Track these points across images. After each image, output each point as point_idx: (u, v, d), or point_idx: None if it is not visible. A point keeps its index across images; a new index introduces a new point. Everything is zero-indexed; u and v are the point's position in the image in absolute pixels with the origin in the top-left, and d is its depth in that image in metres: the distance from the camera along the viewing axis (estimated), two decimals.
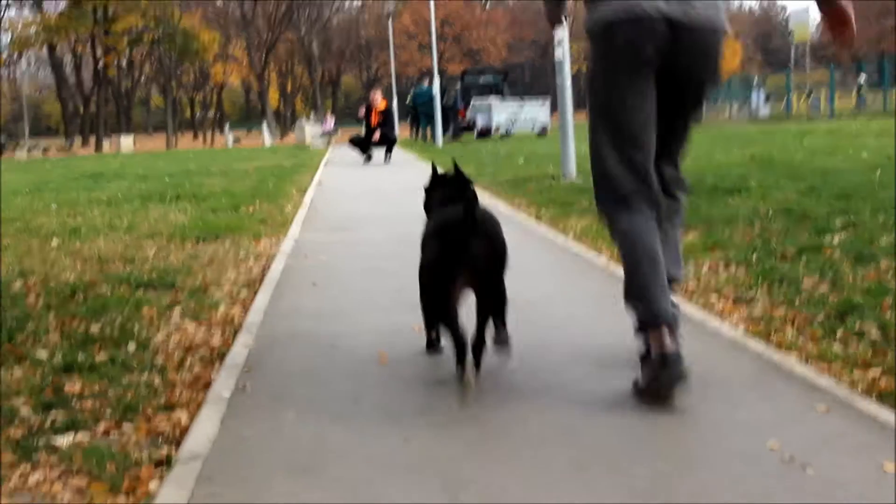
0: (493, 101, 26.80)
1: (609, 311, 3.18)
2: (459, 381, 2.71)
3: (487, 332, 2.78)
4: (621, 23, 2.61)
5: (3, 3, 48.51)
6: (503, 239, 2.80)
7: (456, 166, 3.18)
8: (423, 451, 2.23)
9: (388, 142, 16.63)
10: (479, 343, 2.76)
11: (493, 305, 2.78)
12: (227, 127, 45.66)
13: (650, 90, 2.67)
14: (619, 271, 2.83)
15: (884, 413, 2.37)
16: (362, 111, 17.07)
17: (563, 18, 3.05)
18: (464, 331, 2.68)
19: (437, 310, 2.83)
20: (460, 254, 2.68)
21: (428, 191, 3.21)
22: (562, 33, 9.59)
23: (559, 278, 4.58)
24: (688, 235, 5.44)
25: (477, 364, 2.77)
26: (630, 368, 2.70)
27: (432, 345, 3.14)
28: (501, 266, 2.78)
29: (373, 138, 16.59)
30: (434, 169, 3.28)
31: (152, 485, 2.11)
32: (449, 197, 2.99)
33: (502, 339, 2.89)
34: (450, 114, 27.40)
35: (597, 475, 2.05)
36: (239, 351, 3.26)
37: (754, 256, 4.58)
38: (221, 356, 3.25)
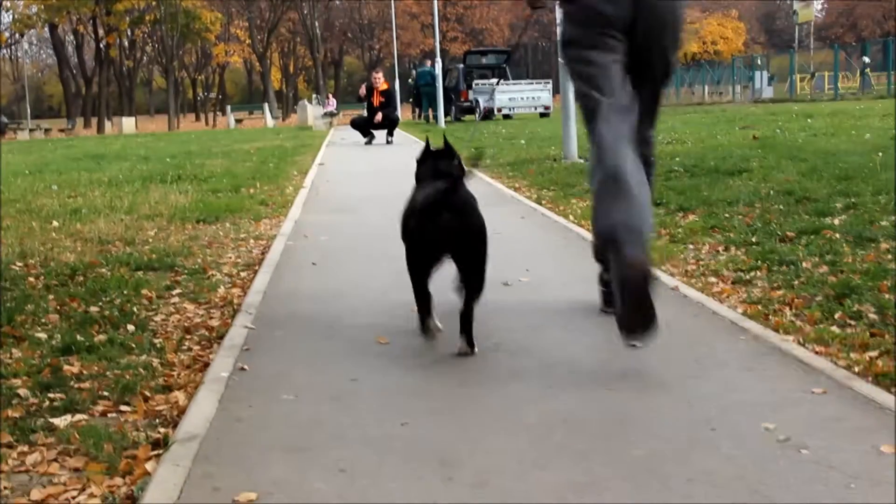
0: (495, 82, 26.68)
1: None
2: (422, 331, 2.90)
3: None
4: None
5: None
6: (479, 215, 2.84)
7: (446, 141, 3.26)
8: (420, 433, 2.23)
9: (391, 122, 16.60)
10: (468, 319, 2.83)
11: (475, 281, 2.82)
12: (228, 108, 45.54)
13: (618, 54, 2.84)
14: None
15: (881, 395, 2.37)
16: (363, 90, 17.02)
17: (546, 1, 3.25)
18: (428, 292, 2.88)
19: (417, 286, 2.91)
20: (435, 232, 2.76)
21: (419, 163, 3.25)
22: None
23: (558, 259, 4.57)
24: (688, 217, 5.43)
25: (469, 340, 2.84)
26: (628, 349, 2.70)
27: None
28: (480, 242, 2.81)
29: (375, 119, 16.56)
30: (427, 143, 3.30)
31: (149, 465, 2.12)
32: (437, 170, 3.07)
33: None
34: (452, 95, 27.31)
35: (593, 456, 2.05)
36: (237, 332, 3.26)
37: (754, 238, 4.57)
38: (220, 337, 3.25)
